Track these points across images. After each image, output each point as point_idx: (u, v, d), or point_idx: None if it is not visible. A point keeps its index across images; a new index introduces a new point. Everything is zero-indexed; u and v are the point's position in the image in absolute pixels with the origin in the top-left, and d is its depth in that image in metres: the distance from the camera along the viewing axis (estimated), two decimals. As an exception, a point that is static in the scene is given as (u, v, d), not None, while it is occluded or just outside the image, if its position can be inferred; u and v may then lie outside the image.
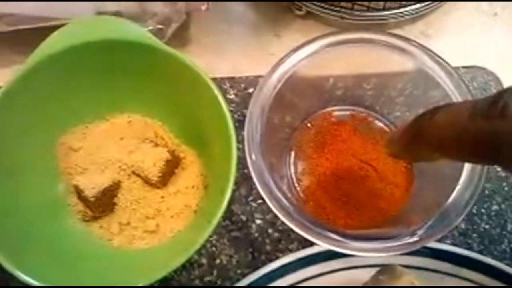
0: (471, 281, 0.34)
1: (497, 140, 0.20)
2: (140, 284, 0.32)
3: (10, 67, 0.46)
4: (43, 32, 0.38)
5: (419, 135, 0.25)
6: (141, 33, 0.38)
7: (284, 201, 0.32)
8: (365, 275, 0.34)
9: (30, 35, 0.40)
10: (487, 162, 0.22)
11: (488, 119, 0.20)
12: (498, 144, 0.20)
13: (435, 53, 0.36)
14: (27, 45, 0.38)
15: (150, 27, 0.42)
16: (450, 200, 0.32)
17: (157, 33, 0.41)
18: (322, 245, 0.31)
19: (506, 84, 0.44)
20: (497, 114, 0.20)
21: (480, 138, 0.21)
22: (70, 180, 0.39)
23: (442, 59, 0.36)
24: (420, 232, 0.31)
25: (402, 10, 0.45)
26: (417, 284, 0.29)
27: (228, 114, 0.35)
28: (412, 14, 0.46)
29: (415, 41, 0.36)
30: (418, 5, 0.46)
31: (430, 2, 0.46)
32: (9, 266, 0.32)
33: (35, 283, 0.32)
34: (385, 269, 0.32)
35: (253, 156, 0.34)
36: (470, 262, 0.34)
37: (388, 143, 0.28)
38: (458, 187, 0.33)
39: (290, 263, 0.35)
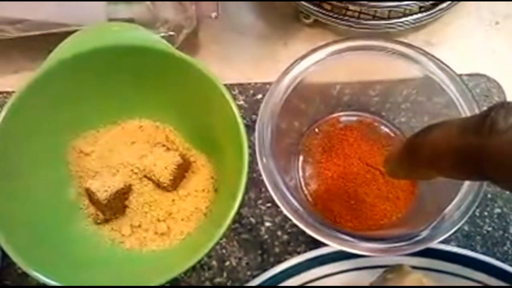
0: (476, 281, 0.34)
1: (486, 155, 0.21)
2: (151, 285, 0.33)
3: (20, 73, 0.47)
4: (54, 38, 0.39)
5: (414, 153, 0.26)
6: (154, 38, 0.39)
7: (295, 203, 0.33)
8: (372, 276, 0.34)
9: (41, 42, 0.40)
10: (478, 177, 0.23)
11: (477, 135, 0.21)
12: (487, 159, 0.21)
13: (439, 60, 0.37)
14: (37, 51, 0.39)
15: (162, 34, 0.42)
16: (453, 203, 0.33)
17: (168, 39, 0.42)
18: (332, 245, 0.32)
19: (507, 91, 0.45)
20: (485, 131, 0.21)
21: (470, 153, 0.22)
22: (82, 183, 0.39)
23: (446, 65, 0.36)
24: (424, 234, 0.32)
25: (405, 19, 0.46)
26: (425, 281, 0.30)
27: (240, 120, 0.35)
28: (415, 23, 0.47)
29: (420, 48, 0.37)
30: (420, 15, 0.47)
31: (432, 11, 0.47)
32: (23, 265, 0.32)
33: (48, 281, 0.32)
34: (392, 268, 0.32)
35: (264, 160, 0.34)
36: (475, 263, 0.35)
37: (385, 162, 0.29)
38: (461, 191, 0.33)
39: (299, 264, 0.36)
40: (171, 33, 0.43)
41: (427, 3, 0.46)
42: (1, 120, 0.35)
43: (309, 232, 0.32)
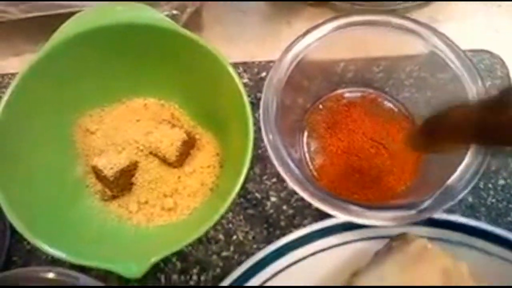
0: (479, 249, 0.35)
1: (500, 128, 0.25)
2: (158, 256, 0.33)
3: (22, 56, 0.47)
4: (56, 21, 0.39)
5: (435, 129, 0.29)
6: (159, 17, 0.39)
7: (300, 175, 0.33)
8: (377, 246, 0.35)
9: (43, 24, 0.40)
10: (494, 144, 0.29)
11: (493, 112, 0.26)
12: (501, 131, 0.25)
13: (444, 35, 0.37)
14: (40, 34, 0.39)
15: (166, 13, 0.42)
16: (456, 174, 0.33)
17: (172, 18, 0.42)
18: (337, 216, 0.32)
19: (511, 67, 0.45)
20: (499, 109, 0.25)
21: (487, 126, 0.26)
22: (88, 161, 0.40)
23: (451, 41, 0.37)
24: (427, 203, 0.33)
25: (409, -4, 0.47)
26: (430, 246, 0.30)
27: (246, 97, 0.35)
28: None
29: (424, 23, 0.37)
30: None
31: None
32: (30, 237, 0.32)
33: (56, 252, 0.33)
34: (397, 236, 0.33)
35: (270, 136, 0.34)
36: (480, 232, 0.35)
37: (407, 138, 0.33)
38: (464, 162, 0.34)
39: (304, 236, 0.36)
40: (175, 12, 0.43)
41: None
42: (6, 100, 0.35)
43: (314, 203, 0.33)
